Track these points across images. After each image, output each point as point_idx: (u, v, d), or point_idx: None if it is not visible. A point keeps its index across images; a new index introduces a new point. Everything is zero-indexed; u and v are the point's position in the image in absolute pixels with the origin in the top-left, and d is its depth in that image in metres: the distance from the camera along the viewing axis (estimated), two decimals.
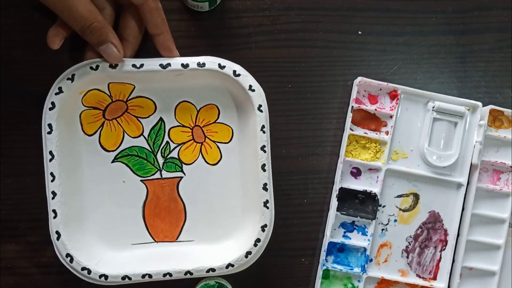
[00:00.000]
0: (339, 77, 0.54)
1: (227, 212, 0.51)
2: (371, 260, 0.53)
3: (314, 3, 0.53)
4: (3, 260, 0.51)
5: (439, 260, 0.54)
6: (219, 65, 0.48)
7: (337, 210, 0.52)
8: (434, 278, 0.53)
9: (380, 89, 0.53)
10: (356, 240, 0.53)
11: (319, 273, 0.52)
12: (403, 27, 0.54)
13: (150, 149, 0.51)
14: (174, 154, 0.51)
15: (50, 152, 0.47)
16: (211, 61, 0.48)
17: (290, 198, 0.53)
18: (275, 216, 0.51)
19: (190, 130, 0.51)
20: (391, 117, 0.53)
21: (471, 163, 0.53)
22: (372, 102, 0.53)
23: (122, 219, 0.50)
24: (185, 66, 0.48)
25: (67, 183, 0.47)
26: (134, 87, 0.50)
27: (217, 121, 0.51)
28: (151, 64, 0.47)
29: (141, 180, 0.51)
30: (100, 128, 0.50)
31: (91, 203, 0.50)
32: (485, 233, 0.54)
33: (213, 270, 0.48)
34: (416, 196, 0.53)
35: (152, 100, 0.51)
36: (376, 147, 0.53)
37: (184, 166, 0.51)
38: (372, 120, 0.53)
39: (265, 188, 0.48)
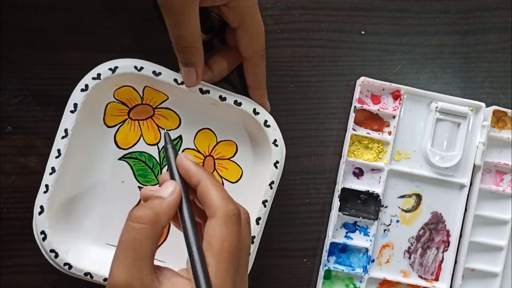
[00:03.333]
0: (342, 77, 0.53)
1: None
2: (373, 261, 0.53)
3: (317, 2, 0.53)
4: (4, 258, 0.51)
5: (441, 261, 0.53)
6: (254, 110, 0.48)
7: (339, 210, 0.52)
8: (436, 279, 0.53)
9: (383, 89, 0.53)
10: (358, 240, 0.53)
11: (321, 273, 0.52)
12: (407, 27, 0.54)
13: (158, 161, 0.51)
14: None
15: (65, 130, 0.46)
16: (248, 104, 0.48)
17: (292, 198, 0.53)
18: (277, 215, 0.51)
19: (203, 158, 0.51)
20: (394, 117, 0.52)
21: (474, 164, 0.53)
22: (375, 102, 0.53)
23: (106, 216, 0.50)
24: (222, 99, 0.48)
25: (68, 164, 0.47)
26: (167, 98, 0.50)
27: (231, 159, 0.51)
28: None
29: (138, 186, 0.50)
30: (121, 124, 0.50)
31: (83, 190, 0.49)
32: (488, 234, 0.53)
33: None
34: (419, 197, 0.53)
35: (179, 116, 0.50)
36: (378, 147, 0.53)
37: None
38: (374, 120, 0.53)
39: (252, 240, 0.48)
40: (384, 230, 0.53)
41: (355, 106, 0.52)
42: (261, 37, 0.47)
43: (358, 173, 0.53)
